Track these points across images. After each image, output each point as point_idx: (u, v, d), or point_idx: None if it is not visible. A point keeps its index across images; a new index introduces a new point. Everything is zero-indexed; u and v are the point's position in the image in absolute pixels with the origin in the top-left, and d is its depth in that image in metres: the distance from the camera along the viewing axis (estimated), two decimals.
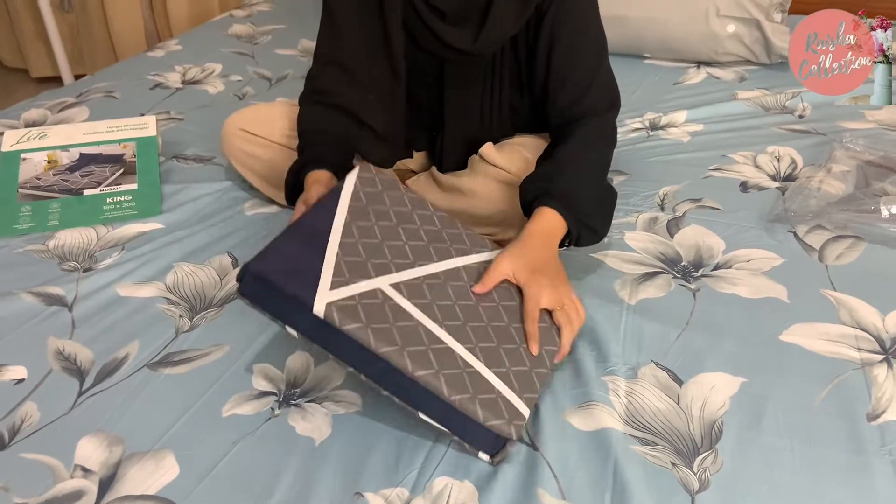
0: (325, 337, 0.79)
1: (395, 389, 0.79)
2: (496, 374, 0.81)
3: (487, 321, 0.86)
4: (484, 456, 0.79)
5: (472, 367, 0.80)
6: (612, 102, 1.10)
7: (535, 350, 0.86)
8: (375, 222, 0.90)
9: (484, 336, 0.84)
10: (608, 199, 1.03)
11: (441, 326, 0.82)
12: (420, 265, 0.88)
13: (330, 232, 0.86)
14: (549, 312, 0.90)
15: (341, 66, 1.10)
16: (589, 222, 0.98)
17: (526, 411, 0.80)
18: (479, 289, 0.88)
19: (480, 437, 0.79)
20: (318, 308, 0.78)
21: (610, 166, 1.08)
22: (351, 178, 0.93)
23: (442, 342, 0.81)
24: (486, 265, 0.92)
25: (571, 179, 0.98)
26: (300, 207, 0.97)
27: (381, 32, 1.08)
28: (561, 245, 0.96)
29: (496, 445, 0.79)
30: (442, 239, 0.93)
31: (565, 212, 0.95)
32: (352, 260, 0.84)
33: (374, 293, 0.82)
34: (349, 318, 0.78)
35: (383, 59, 1.10)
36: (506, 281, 0.90)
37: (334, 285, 0.80)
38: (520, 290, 0.91)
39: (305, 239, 0.85)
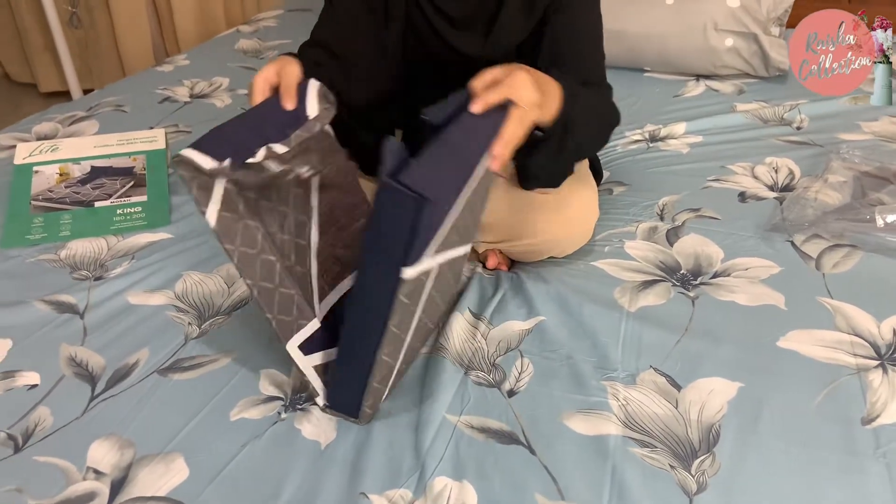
0: (377, 276, 0.70)
1: (351, 341, 0.80)
2: (397, 371, 0.87)
3: (422, 314, 0.86)
4: (320, 401, 0.87)
5: (396, 363, 0.85)
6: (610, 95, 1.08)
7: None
8: (476, 187, 0.76)
9: (416, 333, 0.87)
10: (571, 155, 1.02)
11: (416, 319, 0.83)
12: (456, 248, 0.81)
13: (467, 183, 0.73)
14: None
15: (329, 48, 1.08)
16: (565, 140, 0.94)
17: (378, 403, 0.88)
18: (483, 77, 0.83)
19: (343, 402, 0.85)
20: (410, 273, 0.68)
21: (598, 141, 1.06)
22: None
23: (408, 335, 0.83)
24: (461, 260, 0.90)
25: (582, 105, 0.94)
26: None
27: (383, 22, 1.07)
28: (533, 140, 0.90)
29: (341, 410, 0.86)
30: (468, 221, 0.85)
31: (565, 106, 0.90)
32: (451, 226, 0.72)
33: (430, 271, 0.74)
34: (409, 293, 0.72)
35: (378, 55, 1.09)
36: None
37: (438, 251, 0.71)
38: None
39: (455, 179, 0.71)
